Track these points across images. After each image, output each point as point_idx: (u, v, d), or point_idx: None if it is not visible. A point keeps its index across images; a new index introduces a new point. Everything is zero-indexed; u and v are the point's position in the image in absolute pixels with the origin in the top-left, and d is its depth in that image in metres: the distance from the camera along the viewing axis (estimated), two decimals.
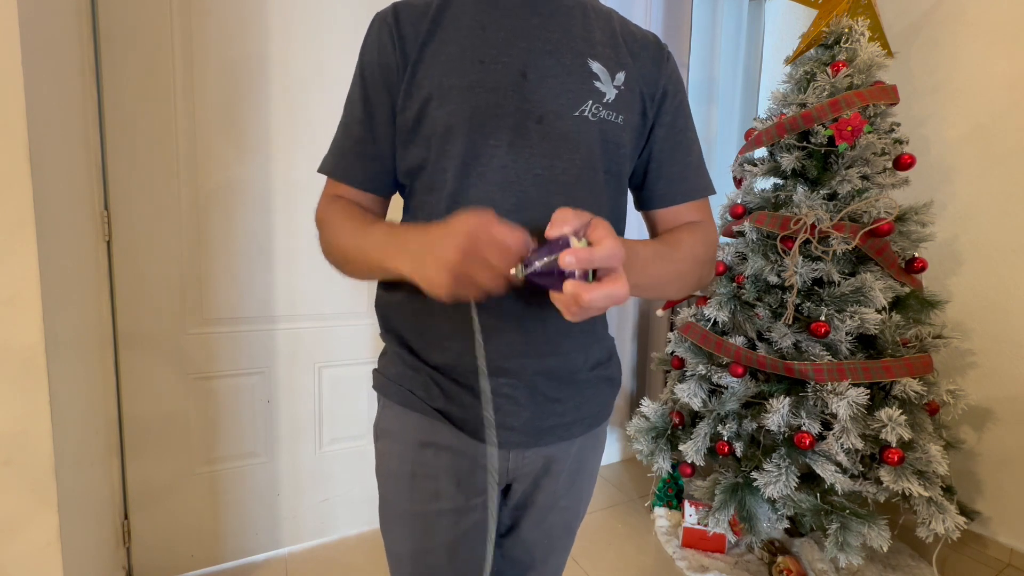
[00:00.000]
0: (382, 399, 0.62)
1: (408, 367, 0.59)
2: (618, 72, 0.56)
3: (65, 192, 0.95)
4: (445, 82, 0.51)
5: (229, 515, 1.42)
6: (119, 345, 1.24)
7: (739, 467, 1.35)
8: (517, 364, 0.55)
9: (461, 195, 0.52)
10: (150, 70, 1.20)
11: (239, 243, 1.35)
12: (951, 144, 1.65)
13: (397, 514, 0.60)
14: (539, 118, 0.52)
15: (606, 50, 0.56)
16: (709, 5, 2.02)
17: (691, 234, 0.60)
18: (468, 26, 0.53)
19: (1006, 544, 1.52)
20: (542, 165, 0.52)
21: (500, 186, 0.51)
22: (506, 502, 0.64)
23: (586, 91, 0.54)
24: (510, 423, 0.56)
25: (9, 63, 0.75)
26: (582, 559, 1.54)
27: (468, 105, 0.51)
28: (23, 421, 0.81)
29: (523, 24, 0.54)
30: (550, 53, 0.53)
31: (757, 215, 1.39)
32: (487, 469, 0.50)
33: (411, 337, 0.58)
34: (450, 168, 0.52)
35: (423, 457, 0.57)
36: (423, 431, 0.57)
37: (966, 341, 1.60)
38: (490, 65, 0.52)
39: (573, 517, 0.69)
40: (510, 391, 0.55)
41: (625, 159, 0.58)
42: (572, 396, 0.59)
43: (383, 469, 0.62)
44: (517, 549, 0.67)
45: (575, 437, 0.62)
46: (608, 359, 0.65)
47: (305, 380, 1.48)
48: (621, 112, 0.56)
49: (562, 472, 0.63)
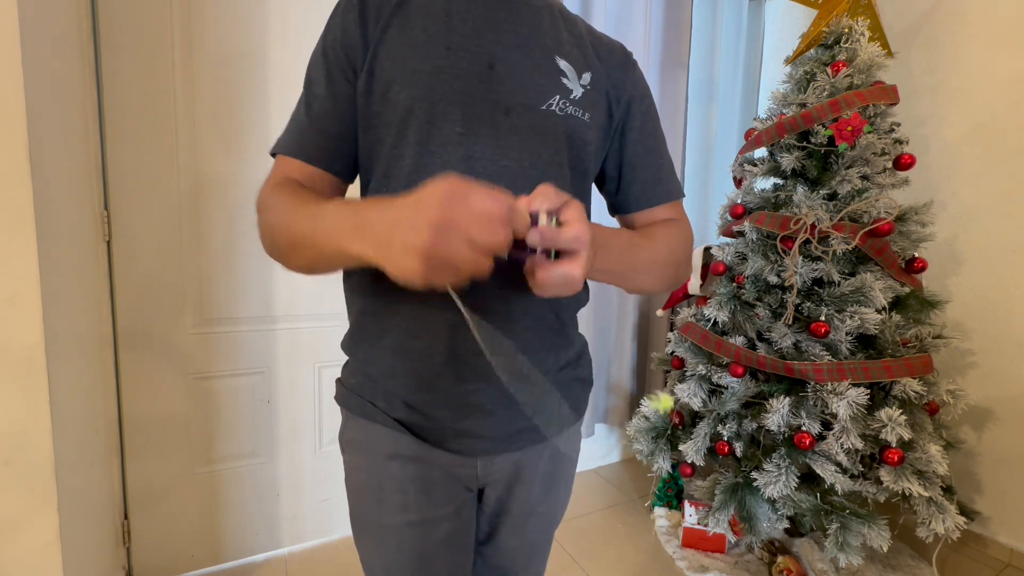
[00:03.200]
0: (344, 411, 0.61)
1: (367, 376, 0.57)
2: (584, 72, 0.56)
3: (65, 192, 0.95)
4: (409, 65, 0.50)
5: (229, 515, 1.42)
6: (119, 345, 1.24)
7: (739, 467, 1.35)
8: (485, 362, 0.52)
9: (420, 182, 0.50)
10: (150, 70, 1.20)
11: (239, 243, 1.35)
12: (951, 144, 1.65)
13: (368, 527, 0.59)
14: (506, 110, 0.52)
15: (573, 50, 0.57)
16: (709, 5, 2.02)
17: (667, 229, 0.60)
18: (435, 13, 0.52)
19: (1006, 544, 1.52)
20: (509, 157, 0.52)
21: (466, 176, 0.51)
22: (482, 508, 0.64)
23: (553, 86, 0.54)
24: (477, 431, 0.55)
25: (9, 63, 0.75)
26: (582, 559, 1.54)
27: (432, 91, 0.50)
28: (23, 421, 0.81)
29: (491, 16, 0.53)
30: (518, 47, 0.53)
31: (757, 215, 1.39)
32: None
33: (369, 341, 0.56)
34: (408, 155, 0.51)
35: (389, 469, 0.56)
36: (387, 443, 0.56)
37: (966, 341, 1.60)
38: (457, 52, 0.51)
39: (552, 522, 0.69)
40: (478, 398, 0.54)
41: (590, 157, 0.58)
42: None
43: (351, 482, 0.61)
44: (498, 557, 0.67)
45: (546, 439, 0.61)
46: (578, 359, 0.64)
47: (305, 380, 1.48)
48: (587, 110, 0.56)
49: (535, 477, 0.63)
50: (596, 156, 0.60)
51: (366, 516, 0.59)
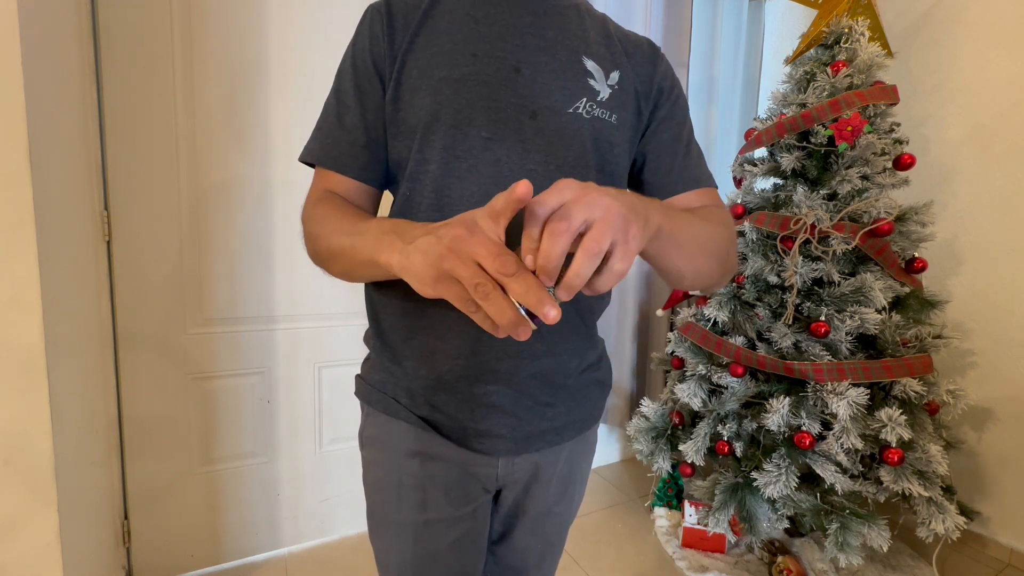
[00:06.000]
0: (365, 407, 0.61)
1: (390, 373, 0.57)
2: (612, 71, 0.56)
3: (65, 192, 0.95)
4: (436, 73, 0.51)
5: (229, 515, 1.42)
6: (119, 345, 1.24)
7: (739, 467, 1.35)
8: (510, 366, 0.53)
9: (448, 187, 0.51)
10: (150, 70, 1.20)
11: (239, 243, 1.35)
12: (951, 144, 1.65)
13: (385, 524, 0.60)
14: (533, 113, 0.52)
15: (601, 49, 0.56)
16: (709, 5, 2.02)
17: (705, 211, 0.56)
18: (461, 20, 0.53)
19: (1006, 544, 1.52)
20: (535, 161, 0.52)
21: (494, 180, 0.51)
22: (497, 509, 0.64)
23: (580, 88, 0.54)
24: (498, 431, 0.55)
25: (9, 63, 0.75)
26: (582, 559, 1.54)
27: (458, 96, 0.50)
28: (23, 421, 0.81)
29: (517, 21, 0.54)
30: (544, 50, 0.53)
31: (757, 215, 1.39)
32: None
33: (396, 340, 0.57)
34: (434, 160, 0.51)
35: (410, 467, 0.56)
36: (409, 440, 0.56)
37: (966, 341, 1.60)
38: (483, 59, 0.51)
39: (566, 522, 0.70)
40: (497, 400, 0.54)
41: (617, 159, 0.58)
42: (564, 400, 0.59)
43: (369, 478, 0.61)
44: (511, 556, 0.67)
45: (566, 441, 0.61)
46: (599, 361, 0.64)
47: (305, 380, 1.48)
48: (615, 111, 0.56)
49: (552, 478, 0.63)
50: (624, 157, 0.59)
51: (383, 513, 0.59)
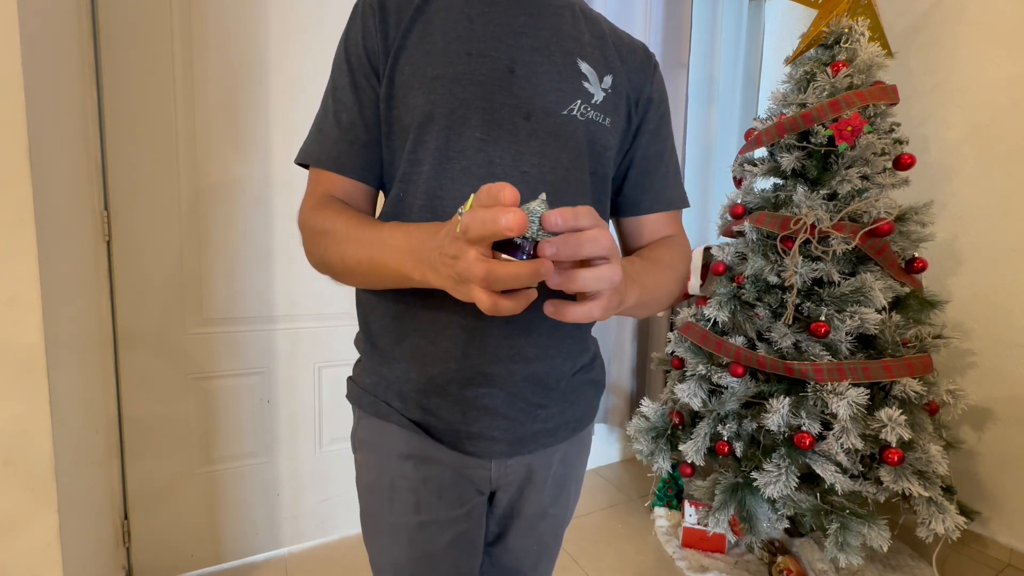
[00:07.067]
0: (357, 410, 0.61)
1: (381, 377, 0.57)
2: (606, 75, 0.56)
3: (65, 192, 0.95)
4: (430, 72, 0.50)
5: (229, 515, 1.42)
6: (119, 345, 1.24)
7: (739, 467, 1.35)
8: (503, 369, 0.53)
9: (440, 189, 0.50)
10: (150, 70, 1.20)
11: (239, 243, 1.35)
12: (951, 144, 1.64)
13: (378, 527, 0.59)
14: (527, 114, 0.51)
15: (595, 52, 0.56)
16: (709, 5, 2.02)
17: (670, 249, 0.59)
18: (455, 17, 0.52)
19: (1006, 544, 1.52)
20: (530, 163, 0.51)
21: (487, 181, 0.50)
22: (492, 511, 0.64)
23: (575, 90, 0.53)
24: (491, 433, 0.55)
25: (9, 63, 0.75)
26: (582, 559, 1.54)
27: (452, 96, 0.49)
28: (23, 421, 0.81)
29: (512, 20, 0.53)
30: (539, 50, 0.53)
31: (757, 215, 1.39)
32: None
33: (386, 343, 0.56)
34: (427, 160, 0.50)
35: (403, 470, 0.56)
36: (401, 443, 0.56)
37: (966, 341, 1.60)
38: (477, 58, 0.51)
39: (562, 523, 0.69)
40: (490, 402, 0.54)
41: (610, 162, 0.58)
42: (557, 401, 0.59)
43: (362, 481, 0.61)
44: (507, 557, 0.67)
45: (559, 443, 0.61)
46: (592, 362, 0.64)
47: (305, 380, 1.48)
48: (608, 115, 0.55)
49: (547, 480, 0.62)
50: (615, 160, 0.59)
51: (377, 515, 0.59)
